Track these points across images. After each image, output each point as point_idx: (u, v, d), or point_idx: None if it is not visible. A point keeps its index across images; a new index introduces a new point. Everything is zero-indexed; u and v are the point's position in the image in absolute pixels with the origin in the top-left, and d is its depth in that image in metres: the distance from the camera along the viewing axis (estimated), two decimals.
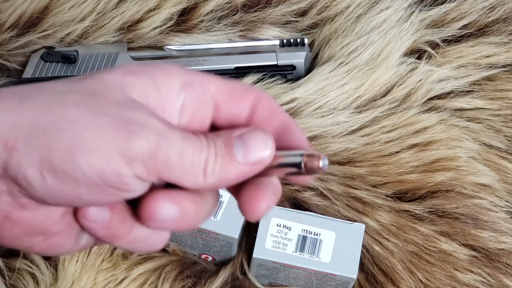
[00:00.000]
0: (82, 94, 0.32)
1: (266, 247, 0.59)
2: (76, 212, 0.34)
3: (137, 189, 0.33)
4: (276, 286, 0.64)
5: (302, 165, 0.34)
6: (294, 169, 0.34)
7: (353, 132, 0.69)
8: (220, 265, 0.64)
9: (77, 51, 0.73)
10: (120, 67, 0.34)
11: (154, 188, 0.34)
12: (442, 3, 0.77)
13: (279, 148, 0.35)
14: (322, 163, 0.33)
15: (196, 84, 0.35)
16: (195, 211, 0.34)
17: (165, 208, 0.33)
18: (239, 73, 0.73)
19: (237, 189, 0.35)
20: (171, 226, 0.34)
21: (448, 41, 0.75)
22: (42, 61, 0.72)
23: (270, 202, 0.34)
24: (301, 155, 0.34)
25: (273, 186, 0.35)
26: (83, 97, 0.32)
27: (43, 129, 0.31)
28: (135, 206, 0.34)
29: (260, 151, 0.34)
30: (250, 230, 0.63)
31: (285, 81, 0.73)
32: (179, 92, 0.35)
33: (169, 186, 0.34)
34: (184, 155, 0.32)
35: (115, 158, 0.31)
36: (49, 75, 0.72)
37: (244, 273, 0.63)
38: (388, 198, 0.66)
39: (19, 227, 0.33)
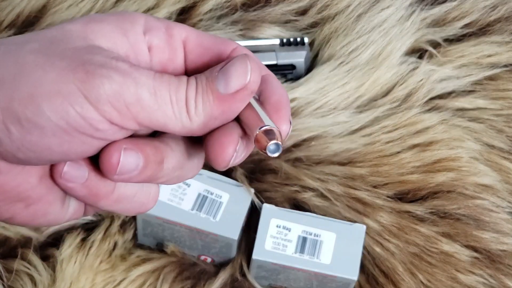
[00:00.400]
0: (40, 42, 0.31)
1: (265, 248, 0.59)
2: (52, 174, 0.33)
3: (115, 136, 0.31)
4: (276, 287, 0.63)
5: (254, 137, 0.32)
6: (251, 135, 0.33)
7: (353, 132, 0.69)
8: (220, 266, 0.64)
9: None
10: (83, 17, 0.33)
11: None
12: (444, 2, 0.76)
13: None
14: (271, 147, 0.32)
15: (161, 27, 0.34)
16: (165, 160, 0.33)
17: (127, 156, 0.32)
18: None
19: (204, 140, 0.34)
20: (135, 177, 0.32)
21: (450, 41, 0.75)
22: None
23: (236, 147, 0.33)
24: (262, 127, 0.32)
25: (238, 130, 0.33)
26: (41, 44, 0.31)
27: (1, 80, 0.30)
28: None
29: (241, 77, 0.32)
30: (249, 231, 0.63)
31: (285, 81, 0.73)
32: (144, 35, 0.34)
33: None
34: (158, 94, 0.31)
35: (78, 100, 0.30)
36: None
37: (243, 275, 0.63)
38: (389, 198, 0.65)
39: None
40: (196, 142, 0.35)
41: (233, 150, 0.32)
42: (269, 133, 0.32)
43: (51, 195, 0.33)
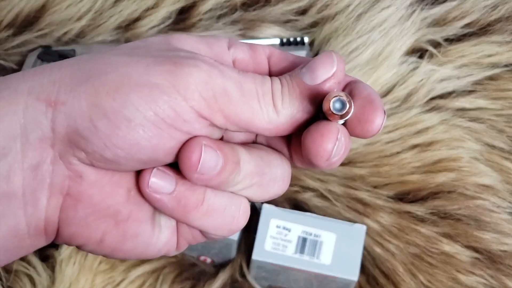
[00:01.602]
0: (123, 48, 0.32)
1: (265, 249, 0.59)
2: (139, 185, 0.32)
3: (202, 131, 0.31)
4: None
5: (324, 107, 0.31)
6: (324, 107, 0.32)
7: None
8: (219, 267, 0.64)
9: (74, 50, 0.72)
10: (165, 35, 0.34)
11: None
12: (444, 2, 0.76)
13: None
14: (334, 105, 0.31)
15: (244, 44, 0.34)
16: (241, 162, 0.32)
17: (207, 153, 0.30)
18: None
19: (294, 140, 0.34)
20: (215, 177, 0.31)
21: (450, 40, 0.75)
22: (39, 60, 0.72)
23: (337, 135, 0.31)
24: (333, 96, 0.31)
25: (337, 127, 0.32)
26: (125, 50, 0.31)
27: (87, 76, 0.30)
28: None
29: (327, 67, 0.31)
30: (249, 232, 0.63)
31: None
32: (229, 49, 0.34)
33: None
34: (244, 86, 0.31)
35: (167, 90, 0.29)
36: None
37: (243, 275, 0.63)
38: (389, 199, 0.65)
39: (83, 206, 0.31)
40: (276, 154, 0.34)
41: (334, 139, 0.31)
42: (330, 95, 0.31)
43: (140, 212, 0.33)
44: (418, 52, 0.74)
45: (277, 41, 0.73)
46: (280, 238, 0.59)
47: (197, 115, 0.30)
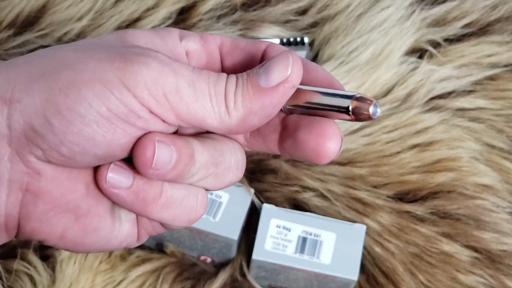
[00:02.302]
0: (78, 44, 0.32)
1: (265, 248, 0.59)
2: (97, 181, 0.32)
3: (156, 127, 0.31)
4: (275, 287, 0.63)
5: (350, 110, 0.31)
6: (340, 114, 0.31)
7: (353, 132, 0.69)
8: (219, 266, 0.64)
9: None
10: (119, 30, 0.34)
11: None
12: (444, 2, 0.76)
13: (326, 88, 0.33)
14: (373, 110, 0.31)
15: (195, 35, 0.35)
16: (196, 154, 0.32)
17: (161, 149, 0.31)
18: None
19: (291, 137, 0.33)
20: (170, 171, 0.31)
21: (450, 40, 0.75)
22: None
23: (341, 135, 0.32)
24: (351, 97, 0.31)
25: (334, 125, 0.32)
26: (80, 45, 0.31)
27: (41, 73, 0.30)
28: None
29: (282, 70, 0.31)
30: (249, 231, 0.63)
31: None
32: (181, 40, 0.34)
33: None
34: (197, 85, 0.31)
35: (118, 87, 0.30)
36: None
37: (243, 275, 0.63)
38: (389, 199, 0.65)
39: (43, 202, 0.31)
40: (229, 143, 0.34)
41: (339, 140, 0.31)
42: (362, 99, 0.31)
43: (100, 206, 0.33)
44: (418, 52, 0.74)
45: (277, 41, 0.73)
46: (280, 238, 0.59)
47: (148, 112, 0.30)
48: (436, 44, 0.74)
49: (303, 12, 0.77)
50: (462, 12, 0.75)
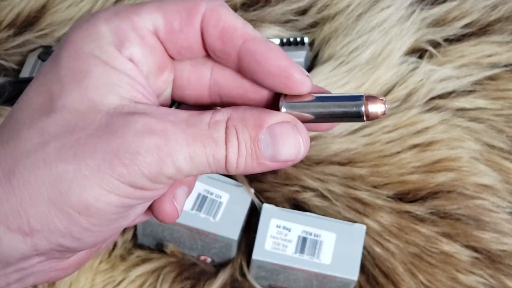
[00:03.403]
0: (58, 137, 0.30)
1: (265, 248, 0.59)
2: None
3: (158, 193, 0.32)
4: None
5: (363, 113, 0.30)
6: (351, 118, 0.31)
7: (353, 132, 0.69)
8: (219, 266, 0.64)
9: None
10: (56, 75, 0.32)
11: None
12: (444, 2, 0.76)
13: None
14: (385, 107, 0.30)
15: (130, 31, 0.32)
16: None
17: (179, 196, 0.34)
18: None
19: None
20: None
21: (450, 40, 0.75)
22: (40, 60, 0.72)
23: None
24: (360, 100, 0.30)
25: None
26: (62, 140, 0.30)
27: (48, 199, 0.30)
28: None
29: (293, 152, 0.31)
30: (249, 231, 0.63)
31: None
32: (120, 50, 0.32)
33: None
34: (195, 160, 0.31)
35: (125, 191, 0.31)
36: None
37: (243, 275, 0.63)
38: (389, 199, 0.65)
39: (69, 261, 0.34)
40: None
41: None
42: (372, 98, 0.31)
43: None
44: (418, 52, 0.74)
45: (277, 41, 0.73)
46: (280, 238, 0.59)
47: (154, 192, 0.32)
48: (436, 44, 0.74)
49: (303, 12, 0.77)
50: (462, 12, 0.75)
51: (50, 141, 0.30)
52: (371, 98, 0.31)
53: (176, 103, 0.35)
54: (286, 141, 0.31)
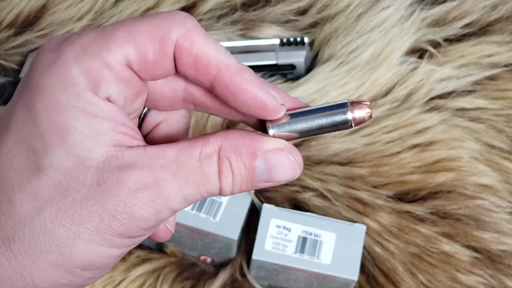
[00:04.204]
0: (52, 201, 0.30)
1: (265, 248, 0.59)
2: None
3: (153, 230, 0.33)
4: None
5: (351, 120, 0.30)
6: (339, 127, 0.31)
7: (353, 132, 0.69)
8: (219, 266, 0.64)
9: None
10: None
11: None
12: (444, 2, 0.76)
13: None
14: (369, 109, 0.30)
15: (103, 69, 0.31)
16: None
17: (170, 221, 0.35)
18: None
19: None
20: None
21: (450, 40, 0.75)
22: None
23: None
24: (346, 107, 0.30)
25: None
26: (57, 204, 0.30)
27: (52, 262, 0.30)
28: None
29: (288, 176, 0.32)
30: (249, 231, 0.63)
31: (285, 81, 0.73)
32: (97, 92, 0.31)
33: None
34: (190, 199, 0.31)
35: (124, 244, 0.31)
36: None
37: (243, 275, 0.63)
38: (389, 199, 0.65)
39: None
40: None
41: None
42: (356, 103, 0.31)
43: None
44: (418, 52, 0.74)
45: (277, 41, 0.73)
46: (280, 238, 0.59)
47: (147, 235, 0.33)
48: (436, 44, 0.74)
49: (303, 12, 0.77)
50: (462, 12, 0.75)
51: (45, 206, 0.30)
52: (355, 103, 0.31)
53: (146, 109, 0.35)
54: (282, 167, 0.32)
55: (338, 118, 0.31)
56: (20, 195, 0.30)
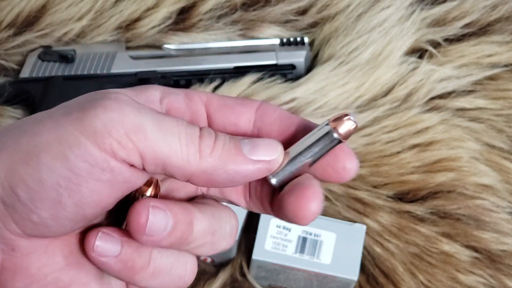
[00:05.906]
0: (53, 108, 0.31)
1: (265, 248, 0.59)
2: (85, 249, 0.31)
3: (125, 176, 0.30)
4: None
5: (334, 134, 0.31)
6: (328, 144, 0.31)
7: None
8: (219, 266, 0.64)
9: (74, 50, 0.72)
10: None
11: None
12: (444, 2, 0.76)
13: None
14: (352, 118, 0.31)
15: (179, 93, 0.33)
16: (195, 222, 0.31)
17: (155, 215, 0.30)
18: (238, 72, 0.72)
19: (272, 200, 0.33)
20: (165, 238, 0.30)
21: (450, 40, 0.75)
22: (40, 60, 0.72)
23: (321, 197, 0.31)
24: (327, 128, 0.31)
25: (317, 181, 0.32)
26: (51, 109, 0.30)
27: (3, 145, 0.30)
28: None
29: (269, 152, 0.31)
30: (249, 231, 0.63)
31: (285, 81, 0.73)
32: (162, 99, 0.32)
33: None
34: (163, 124, 0.29)
35: (76, 141, 0.28)
36: (46, 75, 0.71)
37: (243, 275, 0.63)
38: (389, 198, 0.65)
39: (21, 278, 0.31)
40: (225, 210, 0.34)
41: (320, 200, 0.31)
42: (336, 120, 0.31)
43: (83, 275, 0.32)
44: (418, 52, 0.74)
45: (277, 41, 0.73)
46: (280, 238, 0.59)
47: (113, 159, 0.29)
48: (436, 44, 0.74)
49: (303, 12, 0.77)
50: (462, 12, 0.75)
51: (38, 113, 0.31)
52: (335, 120, 0.31)
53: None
54: (264, 143, 0.31)
55: (327, 141, 0.31)
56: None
